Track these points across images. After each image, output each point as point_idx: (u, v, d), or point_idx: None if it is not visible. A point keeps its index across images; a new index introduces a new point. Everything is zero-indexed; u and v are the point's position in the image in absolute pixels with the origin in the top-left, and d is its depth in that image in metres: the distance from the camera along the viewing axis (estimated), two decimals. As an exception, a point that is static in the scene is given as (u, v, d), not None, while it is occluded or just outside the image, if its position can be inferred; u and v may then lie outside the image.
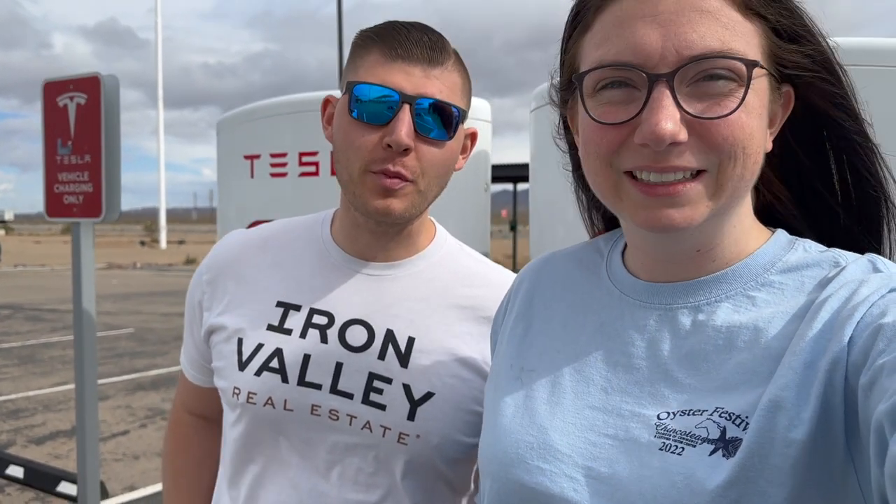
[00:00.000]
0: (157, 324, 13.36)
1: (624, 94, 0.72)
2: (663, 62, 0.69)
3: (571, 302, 0.91)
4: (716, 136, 0.69)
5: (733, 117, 0.69)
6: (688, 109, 0.69)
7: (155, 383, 8.55)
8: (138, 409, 7.36)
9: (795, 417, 0.63)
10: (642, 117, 0.70)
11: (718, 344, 0.74)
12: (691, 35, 0.68)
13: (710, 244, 0.78)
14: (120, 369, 9.26)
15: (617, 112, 0.72)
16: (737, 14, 0.70)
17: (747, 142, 0.70)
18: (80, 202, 2.79)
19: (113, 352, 10.44)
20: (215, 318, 1.25)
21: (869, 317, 0.64)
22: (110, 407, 7.41)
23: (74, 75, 2.77)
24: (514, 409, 0.84)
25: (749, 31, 0.71)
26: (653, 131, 0.68)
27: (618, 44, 0.71)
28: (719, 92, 0.69)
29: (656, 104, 0.68)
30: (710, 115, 0.69)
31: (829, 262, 0.75)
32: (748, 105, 0.69)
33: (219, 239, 2.61)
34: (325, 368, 1.15)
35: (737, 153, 0.70)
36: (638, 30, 0.70)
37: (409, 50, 1.09)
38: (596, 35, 0.75)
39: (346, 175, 1.13)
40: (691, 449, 0.68)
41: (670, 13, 0.69)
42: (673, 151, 0.69)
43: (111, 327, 12.68)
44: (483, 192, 2.06)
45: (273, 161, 2.23)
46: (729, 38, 0.69)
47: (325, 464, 1.14)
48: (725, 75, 0.69)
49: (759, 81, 0.71)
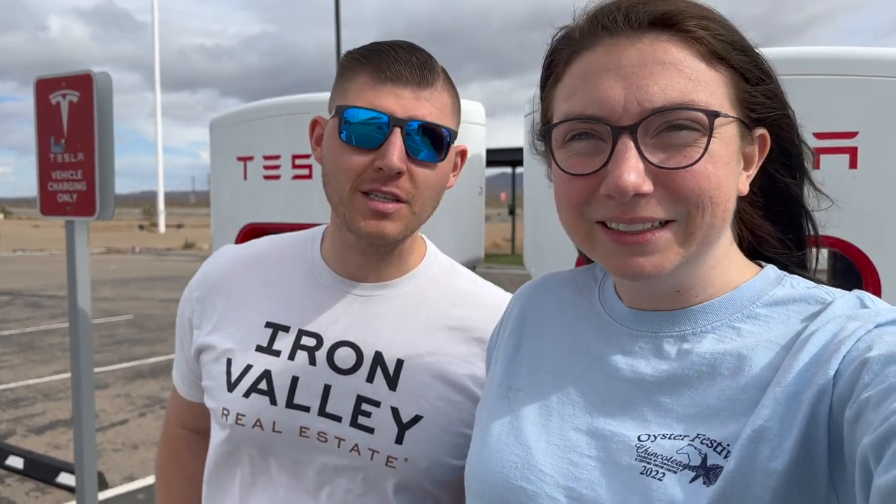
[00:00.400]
0: (156, 310, 13.37)
1: (591, 145, 0.74)
2: (626, 115, 0.70)
3: (562, 324, 0.92)
4: (681, 187, 0.70)
5: (698, 167, 0.70)
6: (651, 160, 0.70)
7: (154, 371, 8.57)
8: (137, 398, 7.39)
9: (777, 448, 0.64)
10: (608, 168, 0.71)
11: (702, 371, 0.75)
12: (653, 87, 0.70)
13: (689, 284, 0.79)
14: (119, 357, 9.28)
15: (584, 164, 0.74)
16: (701, 64, 0.71)
17: (714, 191, 0.71)
18: (74, 200, 2.78)
19: (112, 339, 10.46)
20: (205, 336, 1.25)
21: (855, 351, 0.65)
22: (109, 395, 7.43)
23: (67, 73, 2.75)
24: (500, 428, 0.86)
25: (714, 80, 0.72)
26: (616, 183, 0.70)
27: (583, 97, 0.73)
28: (683, 142, 0.70)
29: (620, 156, 0.70)
30: (674, 166, 0.70)
31: (816, 298, 0.76)
32: (713, 154, 0.70)
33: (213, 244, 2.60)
34: (314, 391, 1.15)
35: (704, 203, 0.71)
36: (602, 83, 0.72)
37: (398, 72, 1.08)
38: (565, 87, 0.77)
39: (336, 197, 1.13)
40: (672, 475, 0.69)
41: (633, 66, 0.71)
42: (639, 202, 0.71)
43: (110, 314, 12.70)
44: (478, 195, 2.06)
45: (266, 163, 2.22)
46: (691, 90, 0.70)
47: (315, 484, 1.15)
48: (688, 125, 0.70)
49: (727, 129, 0.72)
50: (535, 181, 1.87)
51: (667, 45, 0.71)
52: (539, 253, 1.89)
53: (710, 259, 0.78)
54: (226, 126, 2.37)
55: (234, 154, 2.31)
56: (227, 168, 2.35)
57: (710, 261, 0.78)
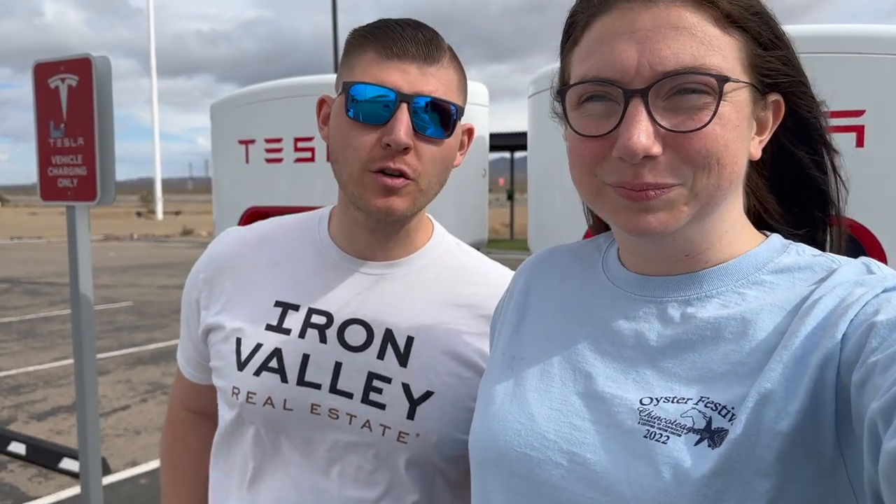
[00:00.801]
0: (155, 296, 13.37)
1: (604, 107, 0.75)
2: (639, 78, 0.71)
3: (565, 293, 0.93)
4: (689, 148, 0.71)
5: (707, 130, 0.71)
6: (662, 123, 0.71)
7: (155, 357, 8.58)
8: (138, 384, 7.40)
9: (782, 410, 0.65)
10: (619, 131, 0.72)
11: (706, 335, 0.75)
12: (665, 51, 0.71)
13: (698, 249, 0.80)
14: (119, 343, 9.29)
15: (598, 125, 0.75)
16: (715, 29, 0.72)
17: (721, 153, 0.72)
18: (75, 185, 2.77)
19: (112, 325, 10.46)
20: (213, 317, 1.25)
21: (863, 315, 0.65)
22: (110, 382, 7.44)
23: (65, 56, 2.73)
24: (503, 396, 0.86)
25: (727, 44, 0.72)
26: (626, 145, 0.71)
27: (598, 60, 0.74)
28: (693, 105, 0.71)
29: (631, 119, 0.71)
30: (684, 129, 0.71)
31: (822, 265, 0.76)
32: (722, 117, 0.71)
33: (215, 229, 2.60)
34: (325, 368, 1.16)
35: (710, 164, 0.72)
36: (616, 46, 0.73)
37: (404, 48, 1.08)
38: (582, 50, 0.78)
39: (345, 175, 1.13)
40: (676, 438, 0.70)
41: (647, 30, 0.72)
42: (647, 165, 0.72)
43: (109, 300, 12.70)
44: (481, 177, 2.05)
45: (268, 146, 2.21)
46: (703, 54, 0.71)
47: (326, 462, 1.16)
48: (699, 89, 0.71)
49: (738, 93, 0.73)
50: (540, 165, 1.87)
51: (681, 10, 0.72)
52: (543, 236, 1.89)
53: (719, 224, 0.78)
54: (227, 109, 2.36)
55: (236, 137, 2.30)
56: (229, 152, 2.34)
57: (720, 226, 0.79)
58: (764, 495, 0.64)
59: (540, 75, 1.80)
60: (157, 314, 11.50)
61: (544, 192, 1.87)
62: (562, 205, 1.79)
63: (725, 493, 0.65)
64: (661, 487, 0.68)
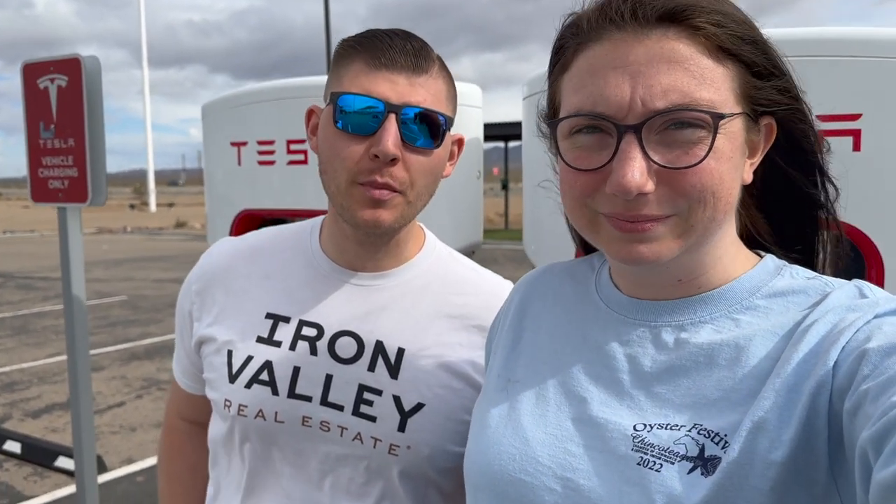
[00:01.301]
0: (149, 290, 13.34)
1: (597, 139, 0.74)
2: (632, 113, 0.70)
3: (559, 315, 0.93)
4: (684, 184, 0.71)
5: (702, 165, 0.70)
6: (655, 159, 0.70)
7: (150, 352, 8.56)
8: (133, 380, 7.39)
9: (776, 439, 0.65)
10: (612, 166, 0.71)
11: (699, 361, 0.75)
12: (657, 87, 0.70)
13: (691, 275, 0.79)
14: (114, 339, 9.27)
15: (590, 158, 0.74)
16: (708, 61, 0.71)
17: (717, 187, 0.71)
18: (66, 187, 2.74)
19: (106, 320, 10.44)
20: (205, 329, 1.25)
21: (854, 342, 0.65)
22: (105, 378, 7.43)
23: (55, 57, 2.70)
24: (498, 420, 0.86)
25: (720, 76, 0.72)
26: (619, 183, 0.70)
27: (591, 93, 0.73)
28: (688, 140, 0.70)
29: (624, 156, 0.70)
30: (679, 165, 0.70)
31: (816, 288, 0.76)
32: (717, 151, 0.71)
33: (207, 232, 2.58)
34: (315, 380, 1.15)
35: (706, 198, 0.71)
36: (610, 80, 0.72)
37: (392, 58, 1.07)
38: (573, 78, 0.77)
39: (333, 186, 1.12)
40: (670, 466, 0.70)
41: (640, 63, 0.71)
42: (641, 201, 0.71)
43: (103, 295, 12.66)
44: (476, 179, 2.04)
45: (260, 148, 2.19)
46: (696, 88, 0.70)
47: (318, 474, 1.16)
48: (693, 123, 0.70)
49: (732, 124, 0.72)
50: (535, 160, 1.86)
51: (674, 43, 0.71)
52: (538, 232, 1.88)
53: (713, 250, 0.78)
54: (218, 111, 2.34)
55: (228, 139, 2.29)
56: (221, 154, 2.33)
57: (713, 251, 0.78)
58: None
59: (534, 77, 1.78)
60: (151, 308, 11.47)
61: (539, 195, 1.86)
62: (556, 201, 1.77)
63: None
64: None
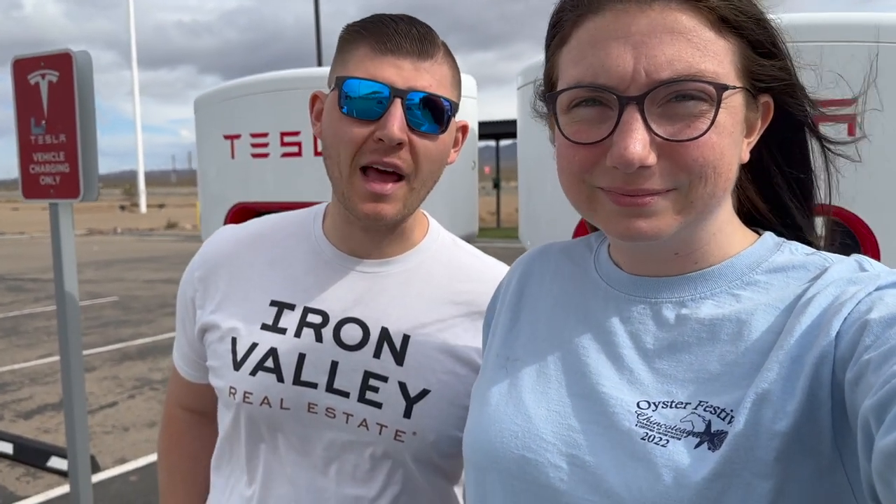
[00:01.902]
0: (141, 291, 13.28)
1: (597, 112, 0.73)
2: (634, 85, 0.69)
3: (559, 293, 0.92)
4: (686, 157, 0.70)
5: (704, 138, 0.69)
6: (658, 132, 0.70)
7: (142, 352, 8.53)
8: (126, 380, 7.35)
9: (781, 410, 0.65)
10: (613, 139, 0.70)
11: (702, 337, 0.75)
12: (661, 58, 0.69)
13: (688, 249, 0.79)
14: (105, 339, 9.22)
15: (589, 132, 0.73)
16: (710, 33, 0.70)
17: (718, 161, 0.71)
18: (57, 183, 2.72)
19: (98, 321, 10.39)
20: (208, 316, 1.25)
21: (856, 313, 0.65)
22: (97, 378, 7.39)
23: (45, 52, 2.68)
24: (499, 398, 0.85)
25: (722, 49, 0.71)
26: (621, 155, 0.69)
27: (592, 64, 0.72)
28: (690, 113, 0.69)
29: (626, 127, 0.69)
30: (681, 138, 0.69)
31: (815, 263, 0.76)
32: (719, 125, 0.70)
33: (202, 226, 2.57)
34: (321, 367, 1.15)
35: (707, 173, 0.71)
36: (611, 51, 0.71)
37: (398, 43, 1.07)
38: (572, 51, 0.75)
39: (336, 172, 1.12)
40: (676, 441, 0.69)
41: (642, 34, 0.70)
42: (643, 174, 0.70)
43: (94, 296, 12.60)
44: (471, 170, 2.03)
45: (254, 141, 2.18)
46: (699, 60, 0.69)
47: (323, 460, 1.16)
48: (696, 96, 0.69)
49: (733, 99, 0.72)
50: (530, 154, 1.85)
51: (677, 13, 0.70)
52: (535, 226, 1.88)
53: (710, 226, 0.78)
54: (211, 104, 2.32)
55: (221, 132, 2.27)
56: (214, 147, 2.31)
57: (710, 227, 0.78)
58: (764, 496, 0.64)
59: (529, 66, 1.78)
60: (143, 309, 11.42)
61: (535, 183, 1.86)
62: (552, 195, 1.77)
63: (725, 495, 0.65)
64: (660, 490, 0.67)
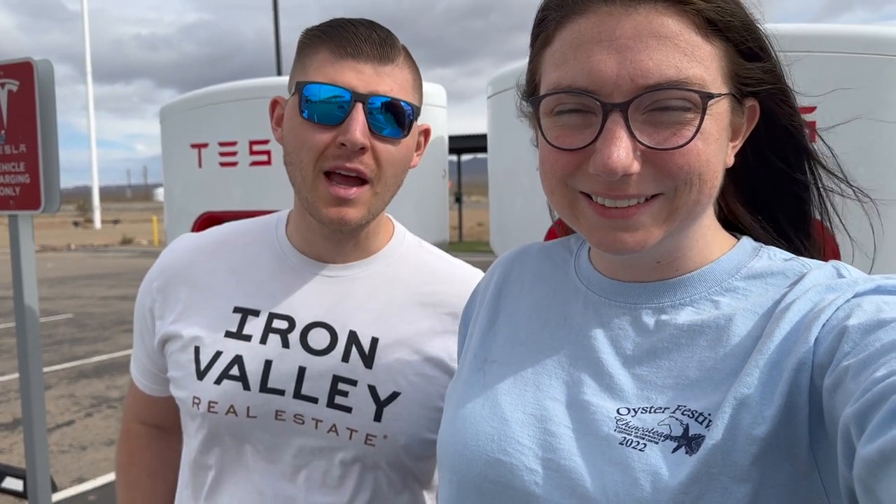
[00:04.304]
0: (96, 308, 12.99)
1: (580, 118, 0.71)
2: (618, 91, 0.68)
3: (538, 296, 0.91)
4: (671, 165, 0.69)
5: (689, 146, 0.69)
6: (641, 140, 0.69)
7: (98, 370, 8.33)
8: (82, 398, 7.18)
9: (759, 415, 0.65)
10: (596, 146, 0.69)
11: (681, 342, 0.75)
12: (647, 63, 0.67)
13: (670, 257, 0.79)
14: (61, 357, 8.99)
15: (572, 137, 0.72)
16: (697, 37, 0.69)
17: (703, 168, 0.70)
18: (17, 194, 2.66)
19: (52, 339, 10.12)
20: (169, 326, 1.22)
21: (834, 319, 0.65)
22: (53, 397, 7.20)
23: (5, 61, 2.63)
24: (474, 400, 0.84)
25: (709, 54, 0.70)
26: (605, 163, 0.68)
27: (575, 68, 0.70)
28: (675, 121, 0.69)
29: (609, 135, 0.68)
30: (666, 146, 0.69)
31: (794, 269, 0.76)
32: (705, 132, 0.69)
33: (167, 236, 2.54)
34: (288, 373, 1.14)
35: (692, 180, 0.70)
36: (595, 55, 0.69)
37: (358, 47, 1.07)
38: (555, 53, 0.74)
39: (298, 177, 1.11)
40: (653, 445, 0.69)
41: (627, 38, 0.68)
42: (626, 181, 0.70)
43: (49, 313, 12.28)
44: (441, 178, 2.05)
45: (222, 150, 2.17)
46: (686, 66, 0.68)
47: (292, 468, 1.14)
48: (681, 105, 0.68)
49: (719, 105, 0.71)
50: (500, 165, 1.87)
51: (663, 17, 0.68)
52: (505, 237, 1.89)
53: (693, 233, 0.78)
54: (178, 112, 2.30)
55: (188, 141, 2.25)
56: (181, 156, 2.29)
57: (693, 234, 0.78)
58: (741, 500, 0.64)
59: (499, 76, 1.80)
60: (98, 326, 11.17)
61: (505, 194, 1.88)
62: (522, 207, 1.79)
63: (702, 499, 0.64)
64: (638, 495, 0.67)
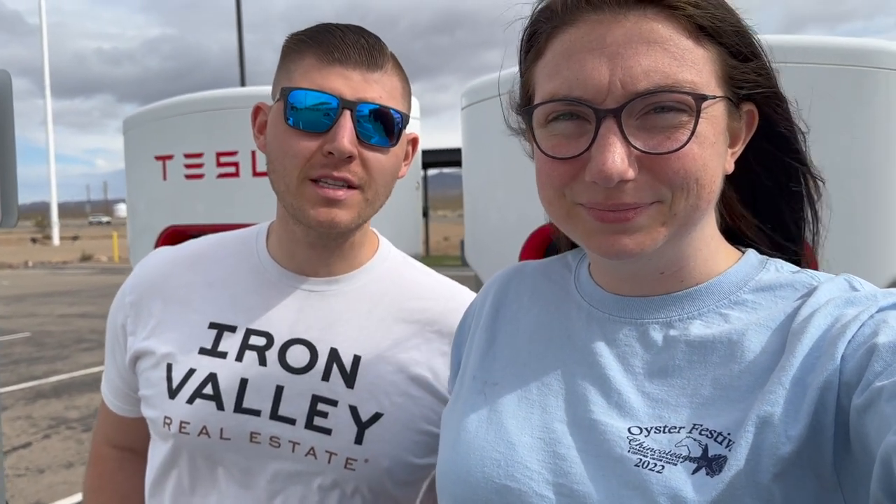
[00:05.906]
0: (54, 326, 12.68)
1: (574, 126, 0.71)
2: (611, 97, 0.68)
3: (538, 314, 0.88)
4: (667, 170, 0.68)
5: (685, 150, 0.68)
6: (636, 145, 0.68)
7: (57, 390, 8.11)
8: (40, 420, 6.97)
9: (783, 434, 0.63)
10: (591, 153, 0.69)
11: (693, 359, 0.73)
12: (637, 69, 0.67)
13: (673, 267, 0.77)
14: (17, 377, 8.74)
15: (567, 146, 0.71)
16: (688, 42, 0.69)
17: (700, 172, 0.69)
18: (-28, 208, 2.58)
19: (8, 358, 9.84)
20: (141, 342, 1.17)
21: (861, 336, 0.64)
22: (9, 418, 6.98)
23: (-41, 71, 2.55)
24: (477, 424, 0.81)
25: (701, 57, 0.70)
26: (600, 170, 0.67)
27: (567, 77, 0.70)
28: (669, 124, 0.68)
29: (603, 141, 0.68)
30: (661, 150, 0.68)
31: (803, 282, 0.74)
32: (700, 136, 0.69)
33: (129, 251, 2.47)
34: (265, 393, 1.08)
35: (689, 185, 0.69)
36: (587, 63, 0.69)
37: (346, 53, 1.04)
38: (548, 64, 0.74)
39: (282, 185, 1.07)
40: (672, 467, 0.66)
41: (618, 45, 0.68)
42: (623, 188, 0.69)
43: (5, 332, 11.96)
44: (415, 189, 2.02)
45: (188, 162, 2.11)
46: (677, 70, 0.68)
47: (267, 494, 1.08)
48: (675, 107, 0.68)
49: (714, 108, 0.70)
50: (475, 179, 1.85)
51: (652, 22, 0.68)
52: (480, 250, 1.87)
53: (694, 241, 0.76)
54: (142, 124, 2.24)
55: (152, 153, 2.20)
56: (145, 168, 2.23)
57: (694, 243, 0.76)
58: None
59: (472, 87, 1.79)
60: (57, 345, 10.90)
61: (479, 208, 1.86)
62: (497, 221, 1.78)
63: None
64: None
